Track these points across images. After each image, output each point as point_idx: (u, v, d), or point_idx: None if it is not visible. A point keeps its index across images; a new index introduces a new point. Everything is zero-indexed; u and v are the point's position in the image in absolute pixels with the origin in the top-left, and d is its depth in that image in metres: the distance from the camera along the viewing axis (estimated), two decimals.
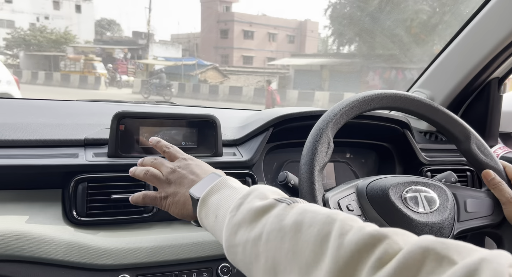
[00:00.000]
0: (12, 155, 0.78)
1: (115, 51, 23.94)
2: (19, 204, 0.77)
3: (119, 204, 0.81)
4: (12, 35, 28.15)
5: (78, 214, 0.79)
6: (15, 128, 0.84)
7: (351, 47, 26.26)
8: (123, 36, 36.59)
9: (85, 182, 0.79)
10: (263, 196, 0.50)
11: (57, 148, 0.83)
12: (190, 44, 36.56)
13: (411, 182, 0.77)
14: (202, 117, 0.90)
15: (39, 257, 0.73)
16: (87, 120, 0.94)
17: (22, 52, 26.51)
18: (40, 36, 27.94)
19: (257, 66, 30.83)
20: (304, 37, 37.44)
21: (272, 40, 36.30)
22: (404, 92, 0.83)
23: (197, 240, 0.84)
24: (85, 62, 20.86)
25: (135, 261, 0.79)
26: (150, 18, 23.30)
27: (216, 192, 0.55)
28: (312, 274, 0.36)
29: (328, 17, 23.58)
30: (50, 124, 0.89)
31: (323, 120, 0.77)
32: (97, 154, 0.84)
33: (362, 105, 0.80)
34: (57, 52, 26.79)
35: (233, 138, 0.97)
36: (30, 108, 1.00)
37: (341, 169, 1.15)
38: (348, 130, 1.09)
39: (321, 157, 0.75)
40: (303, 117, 0.97)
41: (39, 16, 34.05)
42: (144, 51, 24.62)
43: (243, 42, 34.61)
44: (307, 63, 22.66)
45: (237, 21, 34.17)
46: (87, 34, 35.27)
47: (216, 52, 34.50)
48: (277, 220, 0.43)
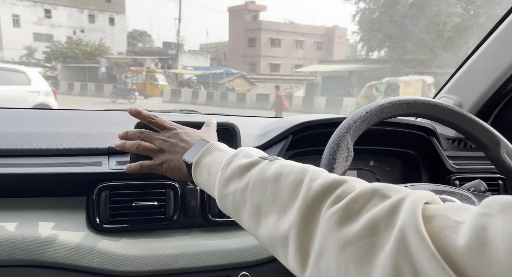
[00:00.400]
0: (39, 163, 0.81)
1: (146, 62, 24.64)
2: (46, 211, 0.80)
3: (140, 211, 0.83)
4: (50, 49, 29.59)
5: (101, 221, 0.81)
6: (43, 137, 0.88)
7: (380, 52, 25.83)
8: (154, 47, 37.67)
9: (108, 190, 0.81)
10: (249, 155, 0.57)
11: (82, 157, 0.86)
12: (218, 53, 37.13)
13: (436, 191, 0.74)
14: (222, 125, 0.91)
15: (64, 263, 0.76)
16: (112, 129, 0.96)
17: (59, 64, 27.80)
18: (76, 48, 29.21)
19: (284, 73, 30.85)
20: (332, 43, 37.18)
21: (300, 47, 36.27)
22: (428, 98, 0.80)
23: (216, 248, 0.84)
24: (147, 74, 21.16)
25: (155, 269, 0.80)
26: (180, 29, 23.85)
27: (208, 154, 0.63)
28: (288, 212, 0.45)
29: (357, 23, 23.32)
30: (76, 133, 0.92)
31: (343, 127, 0.76)
32: (120, 162, 0.86)
33: (384, 111, 0.78)
34: (92, 63, 27.90)
35: (253, 145, 0.97)
36: (59, 118, 1.04)
37: (365, 178, 1.13)
38: (372, 137, 1.07)
39: (340, 165, 0.73)
40: (323, 124, 0.96)
41: (76, 30, 35.67)
42: (174, 61, 25.22)
43: (270, 50, 34.78)
44: (335, 69, 22.46)
45: (265, 30, 34.41)
46: (120, 45, 36.58)
47: (244, 60, 34.83)
48: (261, 173, 0.51)
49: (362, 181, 0.45)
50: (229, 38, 37.23)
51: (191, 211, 0.86)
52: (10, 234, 0.74)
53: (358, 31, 23.74)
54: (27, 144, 0.84)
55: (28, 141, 0.85)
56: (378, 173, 1.13)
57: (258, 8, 37.19)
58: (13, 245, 0.73)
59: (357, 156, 1.14)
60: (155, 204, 0.83)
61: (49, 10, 34.49)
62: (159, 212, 0.84)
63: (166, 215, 0.84)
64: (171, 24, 60.93)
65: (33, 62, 26.42)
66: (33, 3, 33.57)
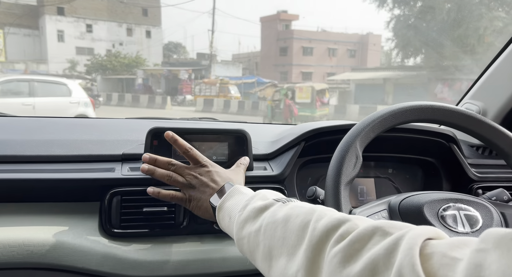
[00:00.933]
0: (55, 169, 0.84)
1: (180, 72, 25.29)
2: (61, 216, 0.83)
3: (150, 217, 0.84)
4: (91, 61, 31.08)
5: (112, 226, 0.83)
6: (61, 144, 0.92)
7: (416, 59, 25.12)
8: (188, 58, 38.65)
9: (120, 195, 0.83)
10: (265, 197, 0.60)
11: (96, 163, 0.89)
12: (250, 63, 37.50)
13: (450, 199, 0.71)
14: (233, 131, 0.91)
15: (76, 266, 0.78)
16: (127, 136, 0.99)
17: (99, 76, 29.10)
18: (115, 61, 30.50)
19: (316, 81, 30.64)
20: (365, 50, 36.64)
21: (332, 55, 35.98)
22: (443, 103, 0.77)
23: (226, 255, 0.84)
24: (220, 86, 21.36)
25: (164, 274, 0.81)
26: (213, 40, 24.37)
27: (230, 198, 0.66)
28: (296, 254, 0.46)
29: (391, 29, 22.81)
30: (92, 140, 0.95)
31: (351, 133, 0.74)
32: (132, 169, 0.88)
33: (395, 117, 0.76)
34: (129, 75, 28.99)
35: (265, 152, 0.97)
36: (78, 126, 1.08)
37: (383, 186, 1.09)
38: (390, 144, 1.04)
39: (348, 171, 0.72)
40: (335, 130, 0.94)
41: (115, 43, 37.31)
42: (207, 71, 25.72)
43: (302, 59, 34.73)
44: (369, 77, 22.07)
45: (296, 38, 34.46)
46: (156, 57, 37.83)
47: (275, 69, 34.96)
48: (272, 215, 0.53)
49: (366, 219, 0.46)
50: (261, 48, 37.55)
51: (201, 217, 0.87)
52: (26, 237, 0.77)
53: (393, 38, 23.21)
54: (45, 150, 0.88)
55: (47, 147, 0.89)
56: (397, 181, 1.09)
57: (290, 17, 37.34)
58: (29, 249, 0.76)
59: (375, 163, 1.11)
60: (165, 210, 0.84)
61: (90, 25, 36.33)
62: (169, 218, 0.85)
63: (176, 220, 0.85)
64: (204, 35, 62.28)
65: (75, 75, 27.79)
66: (76, 19, 35.49)
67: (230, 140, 0.92)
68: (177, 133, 0.89)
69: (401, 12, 21.83)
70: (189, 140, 0.89)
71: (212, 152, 0.91)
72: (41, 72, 25.49)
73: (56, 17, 34.62)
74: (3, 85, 7.13)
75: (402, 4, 21.35)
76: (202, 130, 0.91)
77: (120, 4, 36.42)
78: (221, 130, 0.91)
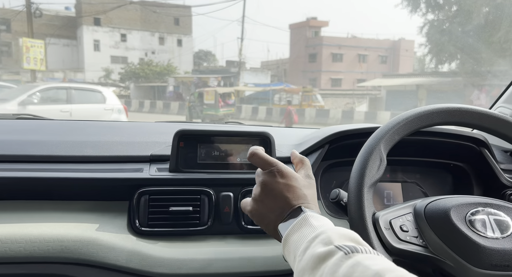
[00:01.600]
0: (88, 169, 0.89)
1: (209, 80, 25.68)
2: (92, 214, 0.87)
3: (176, 216, 0.86)
4: (125, 70, 32.14)
5: (140, 224, 0.86)
6: (94, 145, 0.96)
7: (451, 65, 24.31)
8: (217, 66, 39.23)
9: (147, 195, 0.86)
10: (328, 241, 0.53)
11: (126, 164, 0.92)
12: (279, 70, 37.58)
13: (478, 204, 0.69)
14: (257, 134, 0.93)
15: (105, 262, 0.81)
16: (156, 138, 1.03)
17: (132, 84, 30.04)
18: (147, 69, 31.40)
19: (346, 88, 30.29)
20: (397, 56, 35.91)
21: (362, 62, 35.50)
22: (472, 106, 0.75)
23: (249, 255, 0.85)
24: (303, 94, 20.00)
25: (188, 272, 0.82)
26: (242, 48, 24.65)
27: (297, 230, 0.59)
28: None
29: (424, 34, 22.21)
30: (122, 142, 0.99)
31: (376, 136, 0.74)
32: (160, 169, 0.91)
33: (421, 120, 0.74)
34: (161, 83, 29.73)
35: (289, 155, 0.97)
36: (111, 129, 1.13)
37: (410, 190, 1.07)
38: (419, 148, 1.02)
39: (372, 174, 0.71)
40: (360, 133, 0.94)
41: (147, 52, 38.47)
42: (236, 78, 25.99)
43: (331, 65, 34.47)
44: (401, 83, 21.57)
45: (326, 45, 34.25)
46: (187, 65, 38.66)
47: (304, 76, 34.85)
48: (331, 271, 0.48)
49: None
50: (290, 55, 37.58)
51: (225, 218, 0.88)
52: (61, 233, 0.81)
53: (426, 44, 22.61)
54: (78, 151, 0.93)
55: (80, 148, 0.94)
56: (425, 186, 1.07)
57: (319, 24, 37.24)
58: (63, 244, 0.80)
59: (402, 168, 1.09)
60: (190, 210, 0.86)
61: (124, 34, 37.69)
62: (194, 217, 0.87)
63: (201, 220, 0.87)
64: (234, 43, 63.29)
65: (110, 83, 28.83)
66: (111, 29, 36.92)
67: (254, 143, 0.93)
68: (203, 136, 0.91)
69: (435, 17, 21.27)
70: (214, 142, 0.92)
71: (236, 154, 0.93)
72: (78, 80, 26.62)
73: (92, 27, 36.18)
74: (43, 92, 7.51)
75: (436, 8, 20.81)
76: (226, 132, 0.93)
77: (153, 14, 37.58)
78: (245, 133, 0.93)
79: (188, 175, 0.89)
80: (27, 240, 0.78)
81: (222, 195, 0.89)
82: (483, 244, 0.64)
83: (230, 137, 0.92)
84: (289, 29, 38.13)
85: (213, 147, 0.92)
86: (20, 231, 0.79)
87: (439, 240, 0.67)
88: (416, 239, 0.68)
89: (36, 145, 0.95)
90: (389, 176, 1.07)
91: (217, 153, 0.92)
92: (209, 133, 0.91)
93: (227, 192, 0.89)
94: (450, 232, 0.66)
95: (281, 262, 0.84)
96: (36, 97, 7.31)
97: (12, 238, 0.78)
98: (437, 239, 0.67)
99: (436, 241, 0.67)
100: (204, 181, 0.89)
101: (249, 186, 0.89)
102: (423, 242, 0.68)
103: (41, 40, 17.13)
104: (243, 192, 0.89)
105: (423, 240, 0.68)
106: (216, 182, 0.89)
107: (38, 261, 0.80)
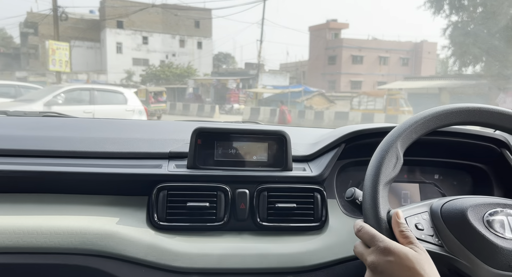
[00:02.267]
0: (108, 164, 0.92)
1: (228, 82, 25.85)
2: (113, 208, 0.90)
3: (193, 211, 0.88)
4: (146, 72, 32.73)
5: (159, 219, 0.88)
6: (115, 142, 0.99)
7: (476, 67, 23.72)
8: (236, 68, 39.41)
9: (166, 190, 0.88)
10: None
11: (145, 160, 0.95)
12: (298, 72, 37.47)
13: (497, 204, 0.68)
14: (273, 132, 0.94)
15: (125, 255, 0.84)
16: (174, 136, 1.05)
17: (153, 86, 30.50)
18: (168, 71, 31.89)
19: (366, 90, 29.93)
20: (419, 59, 35.29)
21: (383, 64, 35.02)
22: (493, 106, 0.74)
23: (265, 251, 0.86)
24: (388, 98, 17.86)
25: (204, 266, 0.84)
26: (261, 50, 24.71)
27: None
28: None
29: (448, 36, 21.73)
30: (142, 139, 1.02)
31: (393, 134, 0.74)
32: (178, 166, 0.93)
33: (439, 119, 0.74)
34: (181, 84, 30.11)
35: (305, 154, 0.98)
36: (131, 126, 1.16)
37: (428, 192, 1.06)
38: (437, 148, 1.01)
39: (387, 172, 0.71)
40: (377, 132, 0.93)
41: (168, 54, 39.05)
42: (254, 80, 26.07)
43: (351, 67, 34.14)
44: (423, 86, 21.19)
45: (346, 47, 33.96)
46: (206, 67, 39.03)
47: (323, 78, 34.64)
48: None
49: None
50: (309, 57, 37.41)
51: (241, 214, 0.90)
52: (83, 226, 0.84)
53: (449, 46, 22.11)
54: (100, 147, 0.96)
55: (101, 144, 0.97)
56: (444, 188, 1.05)
57: (339, 26, 36.96)
58: (85, 236, 0.83)
59: (420, 168, 1.08)
60: (207, 205, 0.88)
61: (146, 37, 38.36)
62: (210, 213, 0.89)
63: (217, 216, 0.89)
64: (253, 45, 63.50)
65: (131, 84, 29.38)
66: (133, 32, 37.65)
67: (270, 141, 0.94)
68: (221, 133, 0.93)
69: (459, 19, 20.81)
70: (231, 140, 0.93)
71: (252, 152, 0.94)
72: (101, 82, 27.26)
73: (115, 30, 36.99)
74: (67, 93, 7.74)
75: (460, 10, 20.36)
76: (243, 130, 0.94)
77: (174, 17, 38.13)
78: (261, 131, 0.94)
79: (205, 171, 0.91)
80: (51, 232, 0.82)
81: (238, 192, 0.90)
82: (501, 245, 0.63)
83: (247, 135, 0.94)
84: (308, 31, 38.02)
85: (230, 145, 0.94)
86: (45, 223, 0.83)
87: (455, 239, 0.66)
88: (431, 238, 0.68)
89: (60, 141, 0.99)
90: (407, 176, 1.06)
91: (234, 150, 0.94)
92: (227, 131, 0.93)
93: (243, 189, 0.90)
94: (467, 232, 0.65)
95: (293, 259, 0.85)
96: (61, 98, 7.53)
97: (37, 230, 0.81)
98: (453, 238, 0.66)
99: (453, 240, 0.66)
100: (220, 178, 0.90)
101: (265, 184, 0.90)
102: (438, 241, 0.68)
103: (66, 42, 17.63)
104: (258, 189, 0.90)
105: (439, 239, 0.68)
106: (233, 179, 0.91)
107: (61, 252, 0.83)
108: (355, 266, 0.85)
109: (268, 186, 0.90)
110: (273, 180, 0.91)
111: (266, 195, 0.90)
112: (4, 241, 0.80)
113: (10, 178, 0.87)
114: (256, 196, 0.90)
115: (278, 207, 0.89)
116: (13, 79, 25.43)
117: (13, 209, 0.85)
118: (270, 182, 0.91)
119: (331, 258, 0.85)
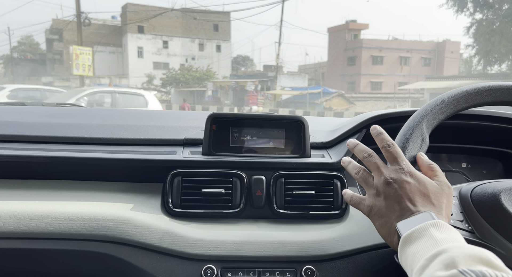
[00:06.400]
0: (122, 150, 0.91)
1: (247, 84, 25.92)
2: (127, 194, 0.89)
3: (209, 198, 0.86)
4: (166, 75, 33.19)
5: (173, 205, 0.86)
6: (129, 129, 0.99)
7: (502, 67, 23.01)
8: (255, 70, 39.57)
9: (180, 176, 0.87)
10: (450, 262, 0.45)
11: (160, 147, 0.93)
12: (316, 73, 37.26)
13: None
14: (290, 118, 0.91)
15: (139, 241, 0.82)
16: (189, 123, 1.04)
17: (173, 89, 30.95)
18: (187, 74, 32.25)
19: (386, 91, 29.46)
20: (442, 58, 34.52)
21: (404, 64, 34.41)
22: None
23: (282, 239, 0.83)
24: None
25: (220, 254, 0.81)
26: (279, 52, 24.68)
27: (416, 240, 0.52)
28: None
29: (472, 35, 21.18)
30: (156, 126, 1.01)
31: (418, 114, 0.70)
32: (193, 152, 0.91)
33: (469, 98, 0.69)
34: (200, 87, 30.41)
35: (323, 140, 0.95)
36: (146, 115, 1.16)
37: (456, 181, 1.00)
38: (465, 134, 0.95)
39: (413, 153, 0.67)
40: (400, 117, 0.89)
41: (187, 57, 39.54)
42: (273, 82, 26.05)
43: (371, 68, 33.69)
44: (446, 86, 20.71)
45: (366, 48, 33.56)
46: (225, 70, 39.31)
47: (343, 79, 34.32)
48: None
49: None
50: (328, 58, 37.15)
51: (257, 201, 0.87)
52: (97, 212, 0.83)
53: (473, 44, 21.54)
54: (114, 134, 0.96)
55: (116, 131, 0.96)
56: (472, 176, 1.00)
57: (359, 27, 36.59)
58: (99, 222, 0.82)
59: (447, 155, 1.02)
60: (222, 192, 0.85)
61: (166, 41, 38.98)
62: (226, 200, 0.86)
63: (233, 203, 0.86)
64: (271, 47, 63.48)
65: (152, 88, 29.89)
66: (154, 36, 38.33)
67: (287, 127, 0.91)
68: (236, 119, 0.91)
69: (483, 16, 20.26)
70: (246, 126, 0.91)
71: (269, 138, 0.91)
72: (123, 86, 27.79)
73: (136, 35, 37.74)
74: (90, 96, 7.92)
75: (485, 7, 19.82)
76: (259, 115, 0.92)
77: (194, 21, 38.61)
78: (278, 117, 0.92)
79: (221, 158, 0.89)
80: (66, 217, 0.81)
81: (254, 179, 0.87)
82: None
83: (263, 121, 0.91)
84: (327, 33, 37.77)
85: (245, 131, 0.91)
86: (60, 208, 0.82)
87: (488, 225, 0.61)
88: (461, 223, 0.64)
89: (75, 128, 0.99)
90: None
91: (249, 136, 0.91)
92: (242, 117, 0.91)
93: (259, 176, 0.87)
94: (500, 217, 0.60)
95: (312, 247, 0.82)
96: (84, 101, 7.71)
97: (52, 215, 0.81)
98: (485, 224, 0.62)
99: (485, 226, 0.62)
100: (236, 164, 0.88)
101: (281, 170, 0.87)
102: (469, 227, 0.63)
103: (89, 47, 18.09)
104: (275, 176, 0.87)
105: (469, 224, 0.63)
106: (248, 165, 0.88)
107: (75, 238, 0.82)
108: (378, 256, 0.81)
109: (285, 173, 0.87)
110: (290, 167, 0.88)
111: (283, 182, 0.87)
112: (19, 226, 0.80)
113: (25, 163, 0.87)
114: (273, 183, 0.87)
115: (295, 194, 0.86)
116: (39, 84, 26.24)
117: (28, 195, 0.85)
118: (287, 169, 0.88)
119: (353, 246, 0.82)
